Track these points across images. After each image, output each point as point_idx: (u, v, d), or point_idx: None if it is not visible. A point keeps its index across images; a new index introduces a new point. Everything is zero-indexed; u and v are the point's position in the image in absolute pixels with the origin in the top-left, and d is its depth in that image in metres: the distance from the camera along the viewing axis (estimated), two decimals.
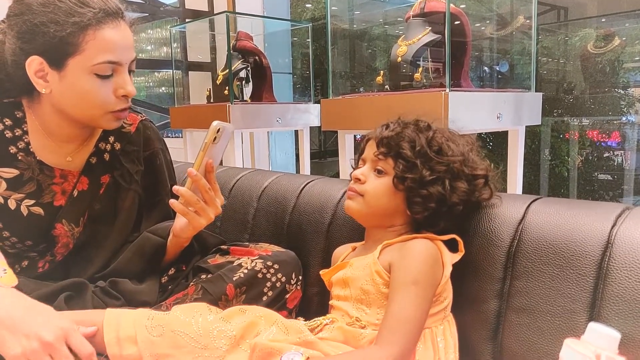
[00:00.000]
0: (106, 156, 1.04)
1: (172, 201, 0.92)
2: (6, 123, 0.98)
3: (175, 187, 0.91)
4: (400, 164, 0.85)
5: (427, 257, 0.80)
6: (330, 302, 0.91)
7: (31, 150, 0.98)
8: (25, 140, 0.98)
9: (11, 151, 0.97)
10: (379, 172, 0.88)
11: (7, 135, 0.97)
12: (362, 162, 0.92)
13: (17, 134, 0.98)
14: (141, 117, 1.10)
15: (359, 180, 0.88)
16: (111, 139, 1.05)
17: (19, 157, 0.97)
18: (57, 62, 0.89)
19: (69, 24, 0.86)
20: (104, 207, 1.03)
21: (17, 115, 0.99)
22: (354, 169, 0.95)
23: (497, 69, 2.39)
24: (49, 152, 1.00)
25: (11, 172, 0.97)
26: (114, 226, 1.04)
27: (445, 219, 0.85)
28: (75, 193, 1.01)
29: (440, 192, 0.82)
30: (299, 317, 0.92)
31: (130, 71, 0.95)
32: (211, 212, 0.94)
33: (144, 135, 1.09)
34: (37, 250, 1.01)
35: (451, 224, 0.86)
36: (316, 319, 0.86)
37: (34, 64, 0.89)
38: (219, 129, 0.89)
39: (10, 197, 0.97)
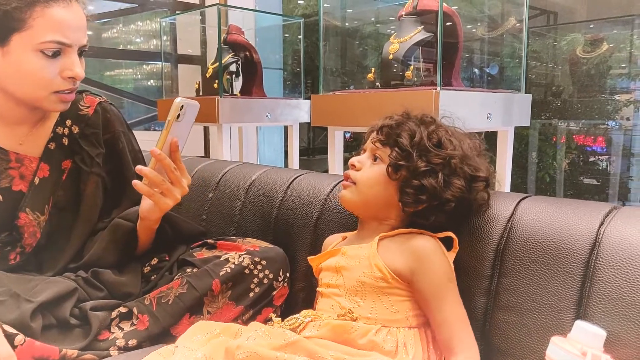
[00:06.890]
0: (65, 141, 1.01)
1: (135, 182, 0.89)
2: None
3: (138, 167, 0.88)
4: (396, 152, 0.84)
5: (442, 253, 0.81)
6: (318, 289, 0.89)
7: None
8: None
9: None
10: (375, 160, 0.87)
11: None
12: (363, 151, 0.91)
13: None
14: (100, 99, 1.07)
15: (354, 167, 0.88)
16: (68, 122, 1.02)
17: None
18: (1, 37, 0.86)
19: None
20: (68, 194, 1.01)
21: None
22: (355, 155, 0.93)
23: (487, 70, 2.40)
24: (1, 135, 0.96)
25: None
26: (80, 212, 1.01)
27: (436, 214, 0.83)
28: (37, 181, 0.98)
29: (433, 185, 0.81)
30: (278, 318, 0.87)
31: (81, 52, 0.92)
32: (177, 192, 0.92)
33: (104, 117, 1.05)
34: (3, 241, 0.97)
35: (445, 221, 0.84)
36: (294, 316, 0.82)
37: None
38: (182, 106, 0.87)
39: None
